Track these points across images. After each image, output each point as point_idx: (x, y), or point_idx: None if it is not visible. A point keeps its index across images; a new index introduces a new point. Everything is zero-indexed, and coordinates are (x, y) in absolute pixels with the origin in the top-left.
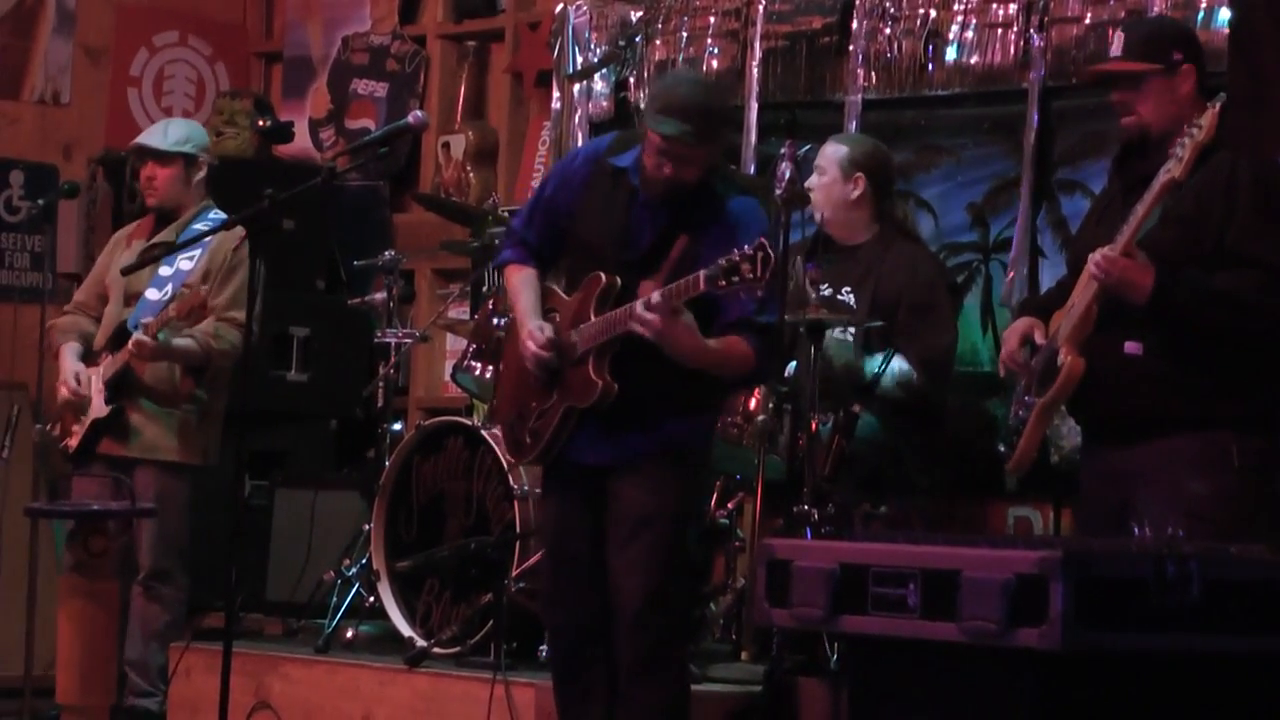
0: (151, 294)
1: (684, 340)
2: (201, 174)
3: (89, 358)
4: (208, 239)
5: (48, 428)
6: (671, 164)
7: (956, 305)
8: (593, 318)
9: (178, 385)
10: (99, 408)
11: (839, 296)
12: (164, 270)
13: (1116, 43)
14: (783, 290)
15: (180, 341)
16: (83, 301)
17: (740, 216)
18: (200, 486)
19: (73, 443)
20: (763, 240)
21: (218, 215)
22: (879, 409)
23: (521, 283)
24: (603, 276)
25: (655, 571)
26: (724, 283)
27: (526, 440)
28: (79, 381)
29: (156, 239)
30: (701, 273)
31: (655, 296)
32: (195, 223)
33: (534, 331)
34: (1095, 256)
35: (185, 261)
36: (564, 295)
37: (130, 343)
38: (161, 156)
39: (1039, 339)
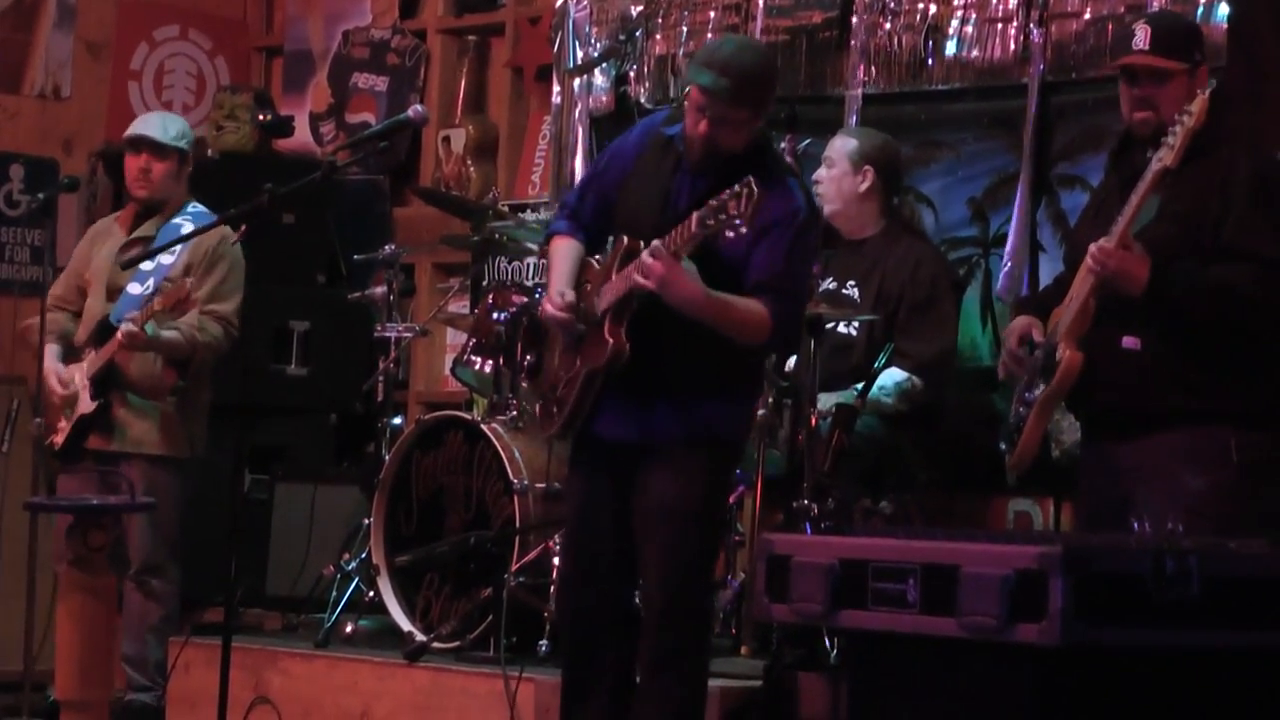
0: (133, 288)
1: (686, 288)
2: (189, 169)
3: (70, 354)
4: (189, 232)
5: (38, 424)
6: (708, 121)
7: (959, 303)
8: (614, 279)
9: (161, 378)
10: (85, 404)
11: (843, 291)
12: (145, 265)
13: (1142, 36)
14: (808, 273)
15: (167, 334)
16: (60, 295)
17: (785, 187)
18: (188, 478)
19: (59, 439)
20: (750, 178)
21: (198, 209)
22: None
23: (558, 251)
24: (625, 239)
25: (681, 566)
26: (713, 221)
27: (554, 410)
28: (61, 383)
29: (138, 233)
30: (695, 214)
31: (655, 243)
32: (177, 217)
33: (553, 295)
34: (1091, 249)
35: (166, 255)
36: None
37: (120, 334)
38: (161, 149)
39: (1037, 337)
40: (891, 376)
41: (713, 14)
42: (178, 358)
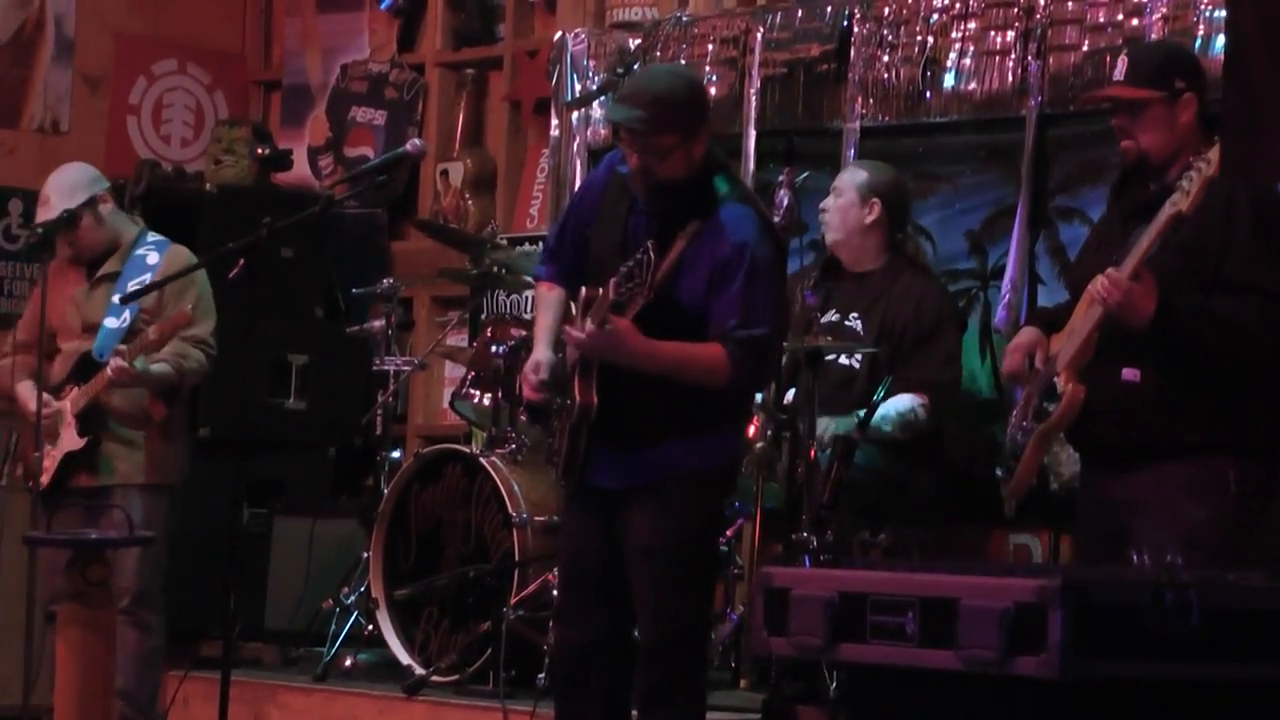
0: (111, 322)
1: (626, 354)
2: (109, 206)
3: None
4: (155, 262)
5: (9, 470)
6: (637, 153)
7: (961, 339)
8: None
9: (147, 409)
10: (72, 440)
11: (846, 323)
12: (116, 298)
13: (1120, 67)
14: (786, 310)
15: (156, 367)
16: (24, 341)
17: (729, 222)
18: (176, 505)
19: (45, 479)
20: (649, 243)
21: (155, 237)
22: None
23: (540, 304)
24: (584, 290)
25: (668, 600)
26: (624, 288)
27: (554, 459)
28: (46, 407)
29: (104, 269)
30: (612, 279)
31: (587, 323)
32: (139, 248)
33: (528, 372)
34: (1101, 279)
35: (135, 286)
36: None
37: (110, 369)
38: (69, 223)
39: (1039, 360)
40: (895, 405)
41: (710, 47)
42: (166, 388)
